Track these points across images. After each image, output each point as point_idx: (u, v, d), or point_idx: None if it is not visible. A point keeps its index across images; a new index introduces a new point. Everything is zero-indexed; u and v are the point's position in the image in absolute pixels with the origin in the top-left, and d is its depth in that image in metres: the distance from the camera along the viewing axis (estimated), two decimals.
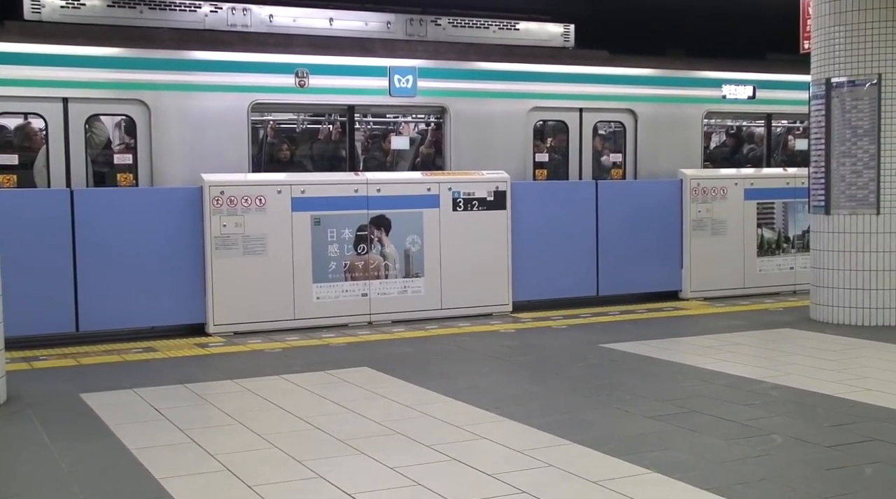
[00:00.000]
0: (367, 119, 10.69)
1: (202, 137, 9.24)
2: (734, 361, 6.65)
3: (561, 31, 11.35)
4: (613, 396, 5.64)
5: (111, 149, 9.30)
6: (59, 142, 8.75)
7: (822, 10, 8.09)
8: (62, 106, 8.81)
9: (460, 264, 8.64)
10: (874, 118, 7.89)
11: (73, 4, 9.30)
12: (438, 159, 10.49)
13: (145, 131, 9.08)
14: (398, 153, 10.64)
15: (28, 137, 9.03)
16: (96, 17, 9.38)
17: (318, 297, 8.15)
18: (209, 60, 9.42)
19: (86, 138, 8.90)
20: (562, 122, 10.97)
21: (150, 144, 9.02)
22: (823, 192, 8.16)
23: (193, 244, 7.80)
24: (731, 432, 4.79)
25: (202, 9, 9.84)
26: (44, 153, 8.81)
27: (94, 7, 9.39)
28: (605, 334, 7.76)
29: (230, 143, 9.32)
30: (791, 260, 10.16)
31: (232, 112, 9.39)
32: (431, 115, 10.62)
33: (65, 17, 9.27)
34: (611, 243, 9.38)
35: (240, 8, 9.97)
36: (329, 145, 10.55)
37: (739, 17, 12.89)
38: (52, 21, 9.17)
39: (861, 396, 5.52)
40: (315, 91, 9.69)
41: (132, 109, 9.11)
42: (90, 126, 8.98)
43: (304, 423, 5.06)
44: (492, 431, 4.85)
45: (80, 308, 7.50)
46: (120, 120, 9.35)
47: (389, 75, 9.96)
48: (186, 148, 9.13)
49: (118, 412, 5.33)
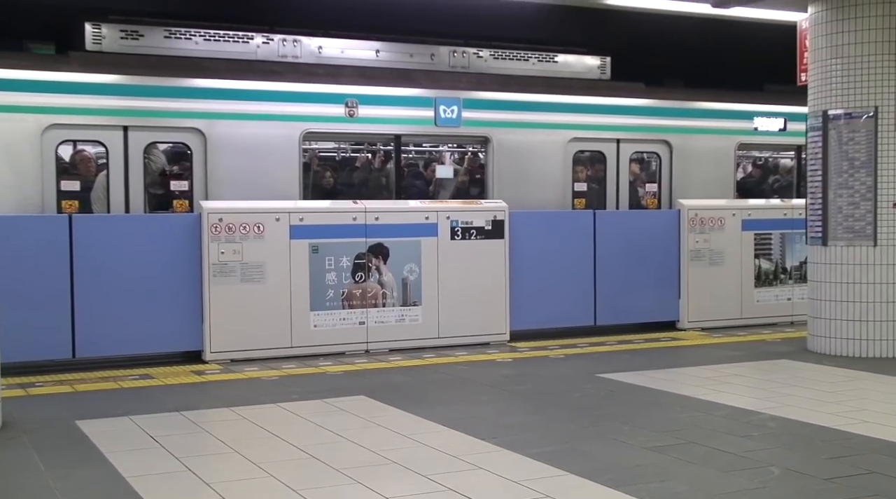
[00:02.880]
0: (410, 148, 11.14)
1: (255, 164, 9.62)
2: (732, 392, 6.64)
3: (598, 63, 11.80)
4: (611, 426, 5.63)
5: (167, 176, 9.66)
6: (119, 169, 9.20)
7: (818, 44, 8.15)
8: (122, 134, 9.22)
9: (458, 293, 8.63)
10: (871, 150, 7.93)
11: (132, 35, 9.70)
12: (474, 188, 10.92)
13: (201, 159, 9.47)
14: (440, 182, 10.97)
15: (88, 163, 9.39)
16: (154, 47, 9.81)
17: (316, 325, 8.14)
18: (262, 90, 9.82)
19: (144, 165, 9.30)
20: (600, 152, 11.37)
21: (205, 172, 9.43)
22: (821, 223, 8.18)
23: (191, 271, 7.80)
24: (728, 464, 4.77)
25: (254, 40, 10.26)
26: (102, 180, 9.22)
27: (152, 38, 9.81)
28: (603, 364, 7.75)
29: (282, 170, 9.72)
30: (788, 291, 10.17)
31: (284, 140, 9.80)
32: (473, 145, 11.03)
33: (124, 47, 9.69)
34: (608, 273, 9.38)
35: (290, 39, 10.38)
36: (371, 173, 10.97)
37: (738, 49, 13.07)
38: (112, 52, 9.58)
39: (859, 428, 5.51)
40: (364, 121, 10.13)
41: (188, 137, 9.54)
42: (148, 153, 9.37)
43: (301, 451, 5.04)
44: (489, 461, 4.83)
45: (77, 335, 7.48)
46: (177, 147, 9.72)
47: (435, 106, 10.41)
48: (240, 175, 9.52)
49: (114, 440, 5.31)
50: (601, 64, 11.82)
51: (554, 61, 11.55)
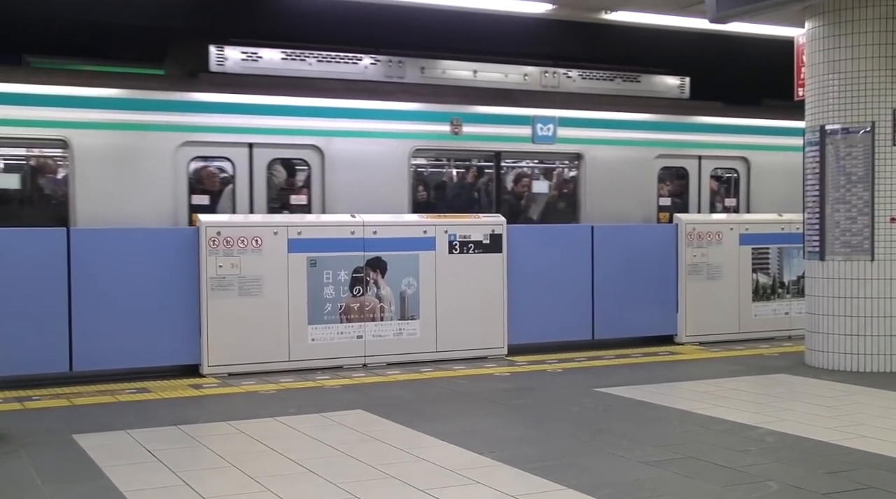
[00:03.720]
0: (507, 164, 11.69)
1: (368, 179, 10.22)
2: (730, 406, 6.63)
3: (678, 83, 12.39)
4: (609, 441, 5.62)
5: (287, 190, 10.24)
6: (244, 184, 9.84)
7: (815, 59, 8.18)
8: (248, 151, 9.81)
9: (456, 307, 8.63)
10: (868, 165, 7.94)
11: (252, 57, 10.21)
12: (561, 202, 11.52)
13: (318, 174, 10.08)
14: (533, 197, 11.60)
15: (213, 179, 9.97)
16: (272, 69, 10.30)
17: (314, 338, 8.14)
18: (375, 109, 10.42)
19: (267, 180, 9.92)
20: (683, 168, 11.97)
21: (322, 186, 10.05)
22: (818, 238, 8.19)
23: (189, 285, 7.80)
24: (726, 479, 4.77)
25: (363, 61, 10.81)
26: (229, 194, 9.82)
27: (271, 60, 10.30)
28: (601, 378, 7.75)
29: (393, 185, 10.35)
30: (786, 305, 10.17)
31: (395, 157, 10.42)
32: (567, 161, 11.57)
33: (245, 69, 10.18)
34: (606, 287, 9.39)
35: (395, 60, 10.95)
36: (474, 188, 11.54)
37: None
38: (234, 73, 10.09)
39: (857, 442, 5.51)
40: (467, 138, 10.83)
41: (307, 154, 10.12)
42: (270, 169, 9.96)
43: (298, 466, 5.04)
44: (487, 475, 4.82)
45: (75, 348, 7.47)
46: (296, 163, 10.31)
47: (533, 124, 11.06)
48: (354, 190, 10.09)
49: (111, 454, 5.30)
50: (681, 83, 12.40)
51: (637, 81, 12.11)
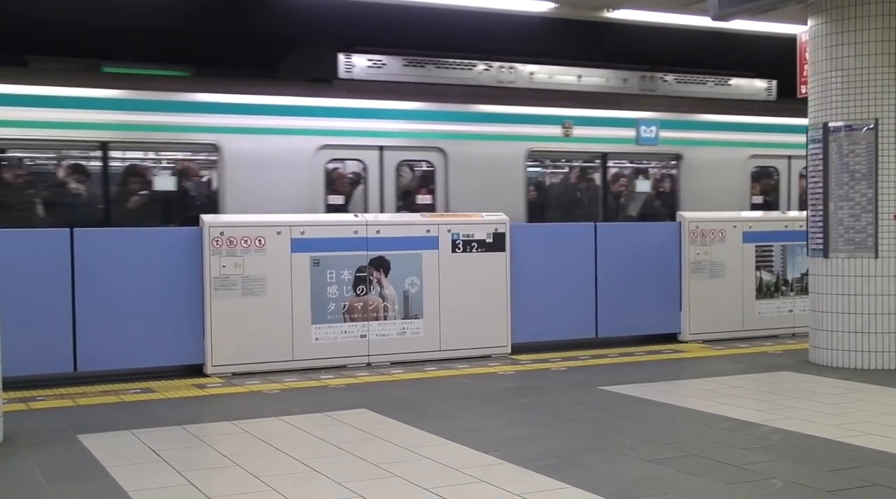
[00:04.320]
0: (613, 165, 12.26)
1: (488, 180, 10.85)
2: (734, 404, 6.63)
3: (765, 85, 12.93)
4: (613, 439, 5.62)
5: (413, 190, 10.91)
6: (375, 185, 10.49)
7: (818, 56, 8.17)
8: (379, 153, 10.48)
9: (459, 306, 8.63)
10: (871, 162, 7.93)
11: (377, 64, 10.86)
12: (657, 201, 11.94)
13: (442, 175, 10.71)
14: (631, 196, 12.18)
15: (343, 180, 10.61)
16: (394, 75, 10.95)
17: (317, 338, 8.14)
18: (493, 113, 11.07)
19: (395, 181, 10.61)
20: (774, 167, 12.50)
21: (445, 187, 10.68)
22: (822, 235, 8.18)
23: (192, 285, 7.81)
24: (730, 476, 4.77)
25: (477, 67, 11.38)
26: (360, 194, 10.49)
27: (393, 66, 10.94)
28: (605, 377, 7.75)
29: (510, 186, 10.94)
30: (790, 303, 10.16)
31: (511, 158, 11.02)
32: (667, 161, 12.08)
33: (370, 75, 10.81)
34: (610, 286, 9.38)
35: (507, 66, 11.50)
36: (584, 189, 12.08)
37: None
38: (360, 79, 10.74)
39: (861, 440, 5.51)
40: (577, 140, 11.39)
41: (432, 156, 10.78)
42: (398, 170, 10.62)
43: (303, 465, 5.04)
44: (491, 474, 4.83)
45: (79, 348, 7.48)
46: (422, 165, 11.00)
47: (637, 126, 11.64)
48: (475, 190, 10.71)
49: (115, 454, 5.30)
50: (768, 86, 12.94)
51: (728, 84, 12.67)
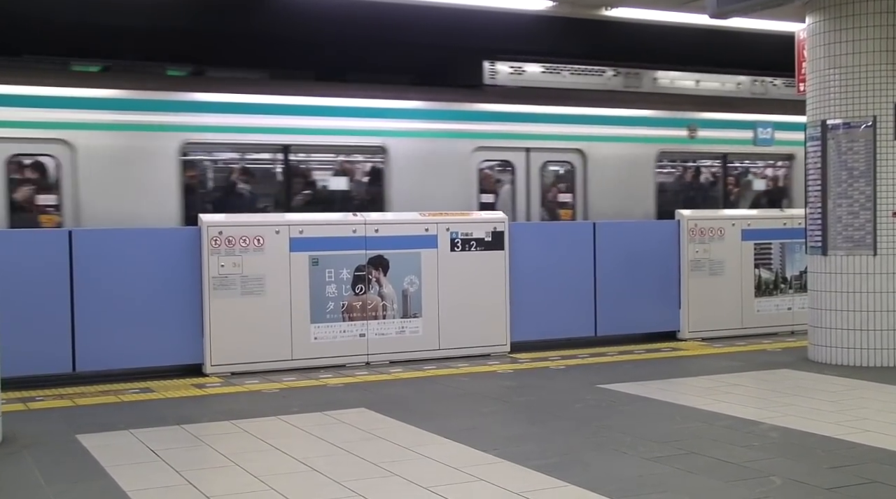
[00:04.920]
0: (731, 165, 13.15)
1: (623, 179, 11.57)
2: (733, 402, 6.63)
3: None
4: (612, 437, 5.62)
5: (554, 189, 11.73)
6: (523, 183, 11.30)
7: (816, 54, 8.17)
8: (525, 155, 11.29)
9: (458, 305, 8.63)
10: (870, 160, 7.94)
11: (518, 71, 11.56)
12: (764, 198, 12.81)
13: (581, 175, 11.50)
14: (749, 195, 12.88)
15: (490, 179, 11.37)
16: (533, 80, 11.67)
17: (316, 337, 8.14)
18: (628, 116, 11.78)
19: (540, 181, 11.40)
20: None
21: (584, 186, 11.42)
22: (820, 232, 8.18)
23: (191, 284, 7.80)
24: (729, 474, 4.77)
25: (606, 73, 12.08)
26: (508, 192, 11.28)
27: (532, 72, 11.65)
28: (604, 375, 7.75)
29: (642, 185, 11.68)
30: (789, 300, 10.16)
31: (644, 159, 11.76)
32: (780, 161, 12.90)
33: (512, 81, 11.54)
34: (609, 284, 9.39)
35: (633, 72, 12.23)
36: (710, 186, 12.80)
37: None
38: (503, 85, 11.48)
39: (860, 437, 5.51)
40: (701, 142, 12.13)
41: (572, 157, 11.54)
42: (542, 171, 11.40)
43: (302, 464, 5.04)
44: (490, 472, 4.83)
45: (78, 348, 7.47)
46: (563, 166, 11.78)
47: (754, 128, 12.39)
48: (611, 189, 11.48)
49: (114, 454, 5.30)
50: None
51: None
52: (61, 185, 9.37)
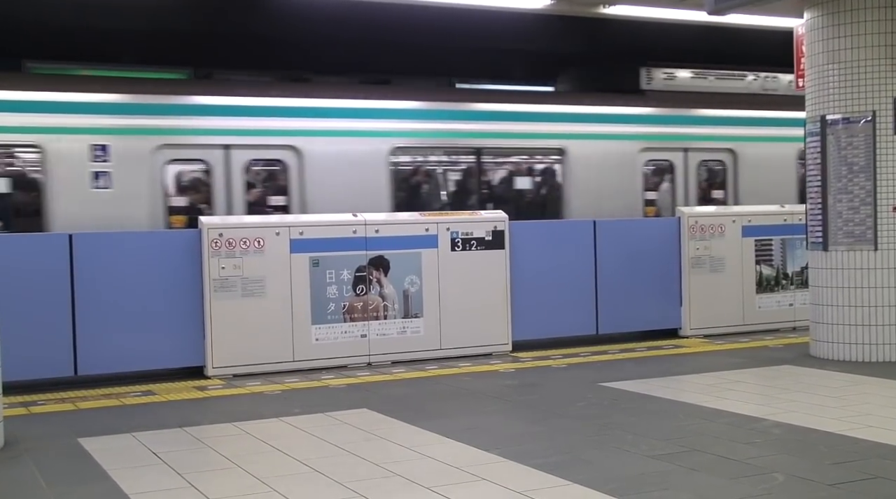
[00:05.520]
0: None
1: (769, 178, 12.68)
2: (735, 398, 6.63)
3: None
4: (614, 435, 5.62)
5: (707, 186, 12.78)
6: (680, 180, 12.41)
7: (815, 49, 8.17)
8: (683, 155, 12.48)
9: (459, 304, 8.63)
10: (870, 155, 7.93)
11: (670, 77, 12.69)
12: None
13: (732, 173, 12.70)
14: None
15: (650, 177, 12.52)
16: (683, 86, 12.75)
17: (317, 338, 8.14)
18: (774, 117, 12.72)
19: (696, 177, 12.55)
20: None
21: (735, 183, 12.64)
22: (821, 228, 8.18)
23: (192, 287, 7.80)
24: (732, 471, 4.76)
25: (747, 77, 13.13)
26: (668, 188, 12.51)
27: (682, 78, 12.80)
28: (606, 373, 7.74)
29: (786, 180, 12.79)
30: (790, 297, 10.16)
31: (788, 158, 12.86)
32: None
33: (666, 86, 12.67)
34: (610, 282, 9.38)
35: (771, 76, 13.25)
36: None
37: None
38: (657, 89, 12.59)
39: (863, 433, 5.50)
40: None
41: (723, 156, 12.74)
42: (698, 169, 12.54)
43: (304, 466, 5.04)
44: (492, 472, 4.82)
45: (79, 352, 7.48)
46: (714, 164, 12.90)
47: None
48: (759, 186, 12.55)
49: (116, 457, 5.30)
50: None
51: None
52: (290, 186, 10.46)
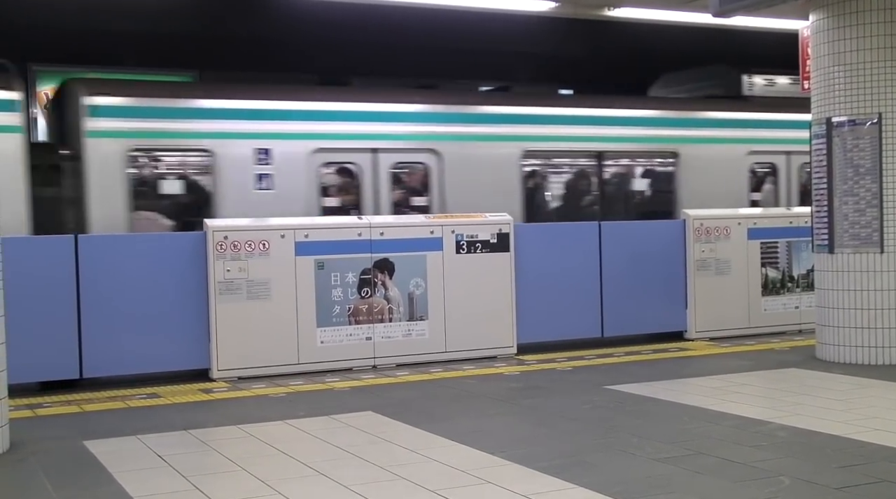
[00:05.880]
0: None
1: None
2: (741, 401, 6.61)
3: None
4: (619, 438, 5.61)
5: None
6: (784, 183, 13.07)
7: (820, 51, 8.15)
8: (786, 158, 13.02)
9: (464, 307, 8.62)
10: (875, 157, 7.91)
11: (770, 83, 13.24)
12: None
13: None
14: None
15: (761, 180, 13.15)
16: (781, 91, 13.19)
17: (322, 341, 8.14)
18: None
19: (798, 180, 12.99)
20: None
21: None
22: (827, 231, 8.16)
23: (197, 289, 7.80)
24: (738, 474, 4.75)
25: None
26: (770, 190, 13.06)
27: (780, 84, 13.24)
28: (611, 376, 7.73)
29: None
30: (796, 299, 10.14)
31: None
32: None
33: (766, 92, 13.22)
34: (615, 284, 9.37)
35: None
36: None
37: None
38: (757, 96, 13.16)
39: (869, 436, 5.48)
40: None
41: None
42: (799, 170, 12.97)
43: (309, 468, 5.03)
44: (497, 475, 4.81)
45: (85, 354, 7.48)
46: None
47: None
48: None
49: (122, 459, 5.30)
50: None
51: None
52: (431, 187, 10.99)
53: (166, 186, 10.09)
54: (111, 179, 9.56)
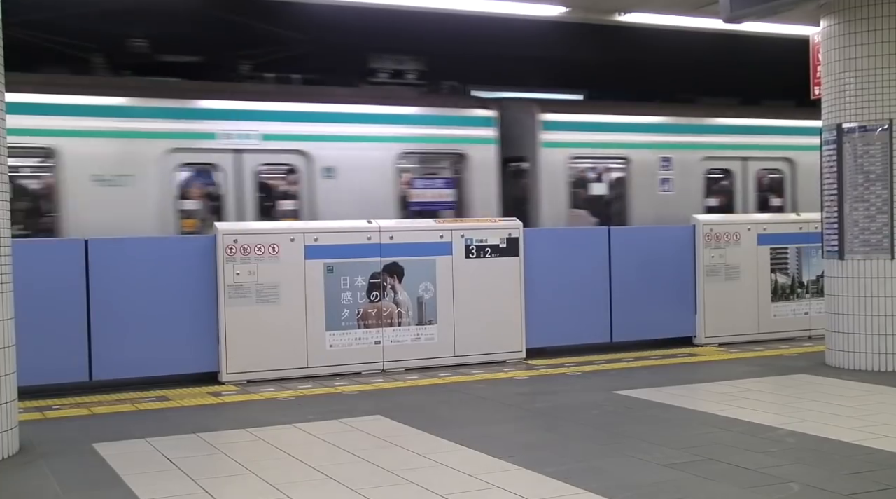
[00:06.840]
0: None
1: None
2: (750, 407, 6.60)
3: None
4: (628, 443, 5.60)
5: None
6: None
7: (830, 57, 8.13)
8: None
9: (473, 311, 8.62)
10: (886, 163, 7.89)
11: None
12: None
13: None
14: None
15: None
16: None
17: (332, 345, 8.15)
18: None
19: None
20: None
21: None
22: (837, 237, 8.14)
23: (207, 293, 7.82)
24: (747, 481, 4.74)
25: None
26: None
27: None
28: (620, 381, 7.72)
29: None
30: (806, 305, 10.11)
31: None
32: None
33: None
34: (624, 289, 9.36)
35: None
36: None
37: None
38: None
39: (879, 443, 5.46)
40: None
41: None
42: None
43: (317, 472, 5.04)
44: (506, 480, 4.81)
45: (94, 357, 7.50)
46: None
47: None
48: None
49: (130, 462, 5.32)
50: None
51: None
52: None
53: (595, 188, 12.11)
54: (557, 181, 11.46)
